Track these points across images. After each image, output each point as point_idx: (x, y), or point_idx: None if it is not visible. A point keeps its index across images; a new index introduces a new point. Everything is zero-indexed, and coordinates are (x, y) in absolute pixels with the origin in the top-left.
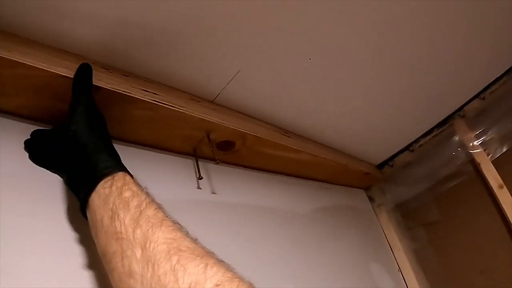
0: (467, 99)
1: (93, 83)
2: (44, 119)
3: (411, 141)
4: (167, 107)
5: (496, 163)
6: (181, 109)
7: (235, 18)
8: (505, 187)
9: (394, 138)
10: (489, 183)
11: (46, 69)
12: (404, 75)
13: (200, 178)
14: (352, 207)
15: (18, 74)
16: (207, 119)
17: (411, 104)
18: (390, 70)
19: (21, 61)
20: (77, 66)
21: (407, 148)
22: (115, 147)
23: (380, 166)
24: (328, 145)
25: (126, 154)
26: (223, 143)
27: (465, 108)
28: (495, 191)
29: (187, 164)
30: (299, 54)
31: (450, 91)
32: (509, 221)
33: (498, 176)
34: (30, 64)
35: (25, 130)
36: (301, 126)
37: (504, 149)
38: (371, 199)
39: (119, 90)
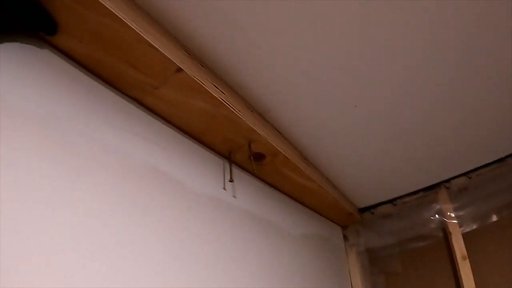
0: (456, 174)
1: (178, 64)
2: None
3: (396, 196)
4: (229, 108)
5: (465, 236)
6: (239, 114)
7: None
8: (468, 259)
9: (383, 190)
10: (454, 252)
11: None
12: (410, 139)
13: (231, 180)
14: (329, 240)
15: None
16: (256, 129)
17: (408, 165)
18: (402, 132)
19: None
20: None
21: (391, 201)
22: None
23: (362, 210)
24: (330, 178)
25: (172, 138)
26: (256, 155)
27: (452, 181)
28: (458, 260)
29: (217, 163)
30: (347, 100)
31: (443, 162)
32: None
33: (464, 249)
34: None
35: None
36: (318, 157)
37: (474, 227)
38: (345, 237)
39: (196, 78)
